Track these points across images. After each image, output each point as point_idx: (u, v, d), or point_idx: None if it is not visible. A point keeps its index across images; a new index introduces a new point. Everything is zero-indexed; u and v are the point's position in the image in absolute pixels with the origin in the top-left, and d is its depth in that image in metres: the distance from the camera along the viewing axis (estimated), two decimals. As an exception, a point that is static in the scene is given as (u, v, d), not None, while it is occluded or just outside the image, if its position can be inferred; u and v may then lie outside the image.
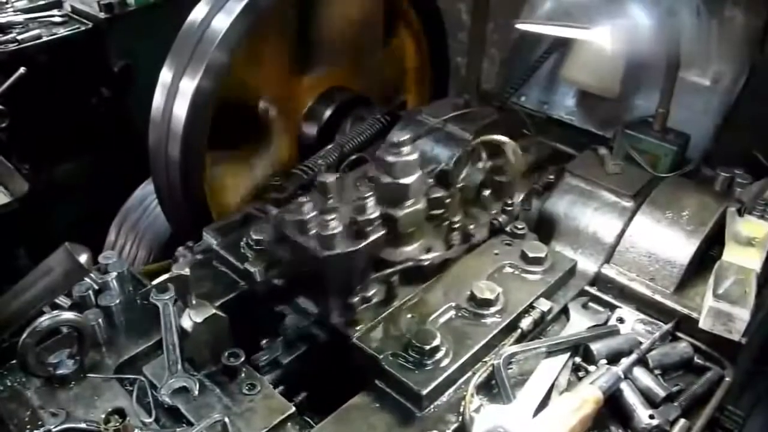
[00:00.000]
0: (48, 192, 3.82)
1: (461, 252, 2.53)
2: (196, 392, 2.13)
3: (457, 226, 2.49)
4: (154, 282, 2.22)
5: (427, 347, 2.08)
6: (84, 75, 3.98)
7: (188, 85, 2.95)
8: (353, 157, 3.10)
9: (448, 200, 2.55)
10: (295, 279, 2.45)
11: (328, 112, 3.62)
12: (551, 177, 2.89)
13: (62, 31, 3.90)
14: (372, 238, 2.23)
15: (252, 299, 2.54)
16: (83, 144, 4.07)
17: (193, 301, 2.15)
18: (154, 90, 3.02)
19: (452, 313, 2.29)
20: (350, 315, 2.27)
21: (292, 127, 3.61)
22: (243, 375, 2.18)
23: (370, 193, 2.22)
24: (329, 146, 3.25)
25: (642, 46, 2.91)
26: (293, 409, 2.08)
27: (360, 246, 2.21)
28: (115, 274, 2.52)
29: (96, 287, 2.51)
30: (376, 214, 2.25)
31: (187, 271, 2.09)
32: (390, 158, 2.38)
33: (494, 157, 2.76)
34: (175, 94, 3.05)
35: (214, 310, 2.14)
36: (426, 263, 2.41)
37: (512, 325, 2.28)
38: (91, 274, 2.56)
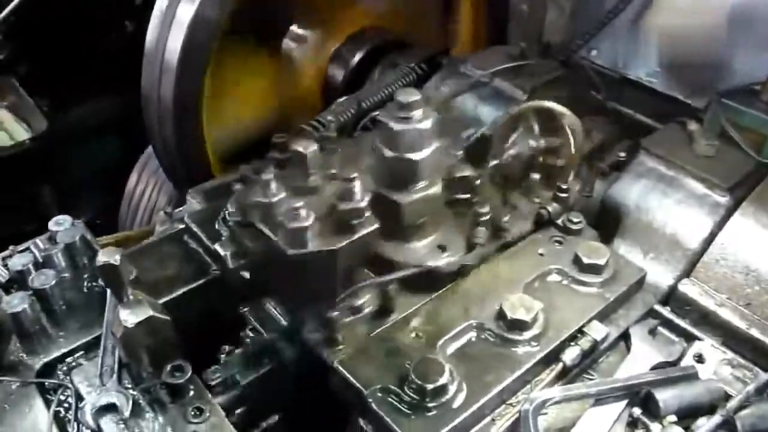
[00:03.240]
0: (69, 132, 3.70)
1: (489, 254, 1.93)
2: (127, 413, 1.63)
3: (485, 218, 1.89)
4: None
5: (430, 386, 1.52)
6: (106, 6, 3.72)
7: (186, 12, 2.52)
8: (373, 114, 2.52)
9: (476, 182, 1.94)
10: (264, 275, 1.88)
11: (358, 56, 3.09)
12: (622, 155, 2.26)
13: (83, -40, 3.61)
14: (359, 233, 1.64)
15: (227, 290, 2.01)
16: (105, 83, 3.82)
17: (129, 297, 1.63)
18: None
19: (472, 334, 1.72)
20: (329, 331, 1.71)
21: (318, 69, 3.12)
22: (191, 394, 1.68)
23: (355, 174, 1.63)
24: (344, 99, 2.66)
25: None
26: (246, 448, 1.57)
27: (340, 245, 1.63)
28: (62, 245, 2.03)
29: (39, 260, 2.02)
30: (365, 202, 1.66)
31: (116, 259, 1.56)
32: (395, 125, 1.78)
33: (549, 131, 2.13)
34: (171, 22, 2.57)
35: (152, 312, 1.62)
36: (435, 270, 1.83)
37: (552, 357, 1.70)
38: (37, 242, 2.09)
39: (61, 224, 2.13)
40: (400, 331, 1.71)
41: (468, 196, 1.95)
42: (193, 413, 1.63)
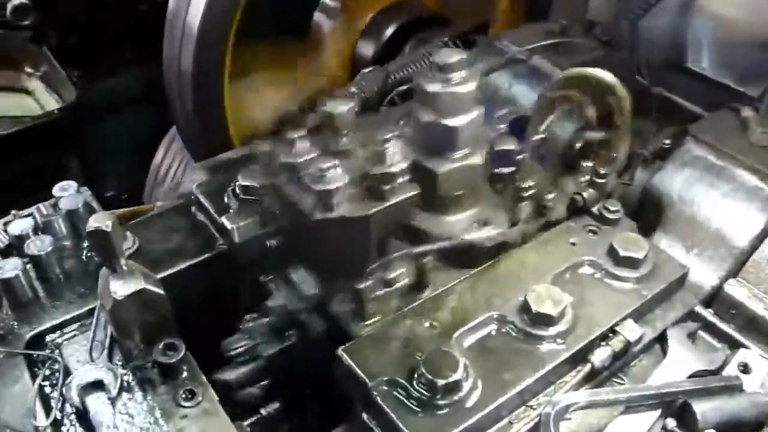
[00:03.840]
0: (98, 104, 3.65)
1: (532, 232, 1.79)
2: (114, 392, 1.52)
3: (528, 193, 1.75)
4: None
5: (441, 382, 1.37)
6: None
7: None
8: (402, 88, 2.37)
9: (520, 156, 1.78)
10: (291, 243, 1.77)
11: (390, 30, 2.95)
12: (667, 141, 2.07)
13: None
14: (392, 200, 1.56)
15: (233, 264, 1.89)
16: (136, 55, 3.80)
17: (122, 267, 1.51)
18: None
19: (492, 327, 1.56)
20: (358, 303, 1.59)
21: (348, 43, 3.02)
22: (184, 375, 1.55)
23: (392, 134, 1.50)
24: (370, 70, 2.51)
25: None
26: (239, 438, 1.44)
27: (371, 211, 1.53)
28: (64, 212, 1.92)
29: (40, 226, 1.92)
30: (402, 165, 1.55)
31: (108, 225, 1.43)
32: (433, 87, 1.64)
33: (592, 105, 1.96)
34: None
35: (144, 285, 1.50)
36: (475, 243, 1.69)
37: (579, 357, 1.54)
38: (41, 207, 1.99)
39: (66, 190, 2.03)
40: (414, 319, 1.56)
41: (511, 170, 1.79)
42: (184, 396, 1.51)
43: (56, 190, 2.03)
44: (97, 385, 1.54)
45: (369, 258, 1.60)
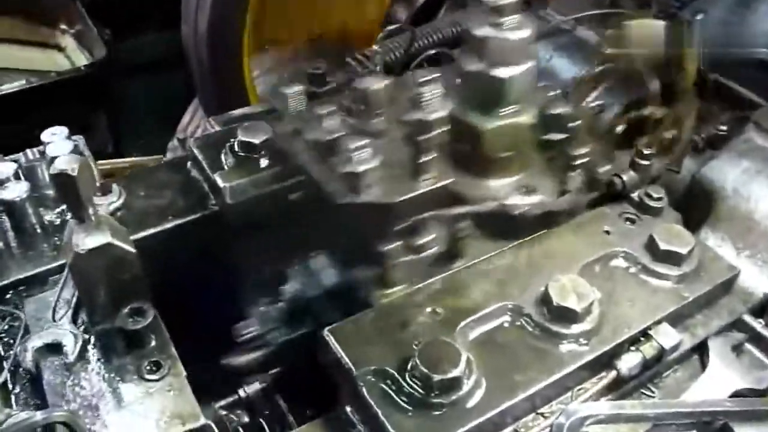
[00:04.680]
0: (128, 63, 3.69)
1: (581, 204, 1.60)
2: (72, 357, 1.35)
3: (580, 161, 1.55)
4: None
5: (437, 377, 1.17)
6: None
7: None
8: (431, 52, 2.16)
9: (575, 122, 1.58)
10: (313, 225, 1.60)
11: (424, -8, 2.75)
12: (723, 127, 1.83)
13: None
14: (427, 187, 1.42)
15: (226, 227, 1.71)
16: (168, 17, 3.62)
17: (91, 218, 1.33)
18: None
19: (505, 319, 1.36)
20: (382, 268, 1.44)
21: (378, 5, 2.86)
22: (152, 345, 1.38)
23: (431, 77, 1.32)
24: (396, 27, 2.30)
25: None
26: (203, 420, 1.25)
27: (401, 198, 1.39)
28: (49, 158, 1.76)
29: (23, 172, 1.76)
30: (442, 114, 1.43)
31: (74, 169, 1.25)
32: (482, 31, 1.46)
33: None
34: None
35: (111, 239, 1.31)
36: (518, 209, 1.51)
37: (604, 362, 1.33)
38: (28, 152, 1.83)
39: (55, 135, 1.86)
40: (414, 302, 1.36)
41: (564, 136, 1.58)
42: (148, 368, 1.34)
43: (45, 135, 1.86)
44: (55, 348, 1.38)
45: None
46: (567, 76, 2.10)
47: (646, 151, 1.58)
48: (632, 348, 1.35)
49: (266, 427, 1.54)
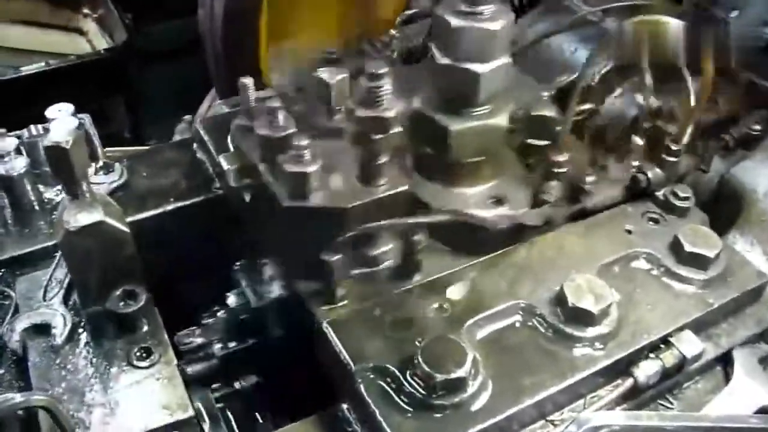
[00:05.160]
0: (147, 49, 3.63)
1: (560, 219, 1.46)
2: (60, 339, 1.29)
3: (561, 170, 1.43)
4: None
5: (441, 377, 1.09)
6: None
7: None
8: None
9: (559, 127, 1.48)
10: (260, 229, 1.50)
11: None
12: (756, 127, 1.73)
13: None
14: (382, 192, 1.27)
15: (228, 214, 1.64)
16: (188, 3, 3.59)
17: (85, 194, 1.27)
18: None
19: (516, 318, 1.28)
20: (326, 280, 1.28)
21: None
22: (144, 330, 1.32)
23: (386, 69, 1.22)
24: (415, 12, 2.21)
25: None
26: (191, 412, 1.19)
27: (353, 204, 1.25)
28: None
29: (25, 148, 1.71)
30: (394, 112, 1.27)
31: (68, 142, 1.19)
32: (456, 21, 1.34)
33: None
34: None
35: (103, 217, 1.25)
36: (483, 222, 1.36)
37: (621, 369, 1.25)
38: (32, 128, 1.78)
39: (60, 111, 1.81)
40: (421, 297, 1.28)
41: (546, 143, 1.48)
42: (138, 354, 1.27)
43: (50, 111, 1.81)
44: (43, 330, 1.32)
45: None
46: (591, 70, 2.01)
47: (673, 147, 1.49)
48: (651, 355, 1.26)
49: (260, 419, 1.46)
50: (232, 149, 1.63)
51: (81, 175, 1.26)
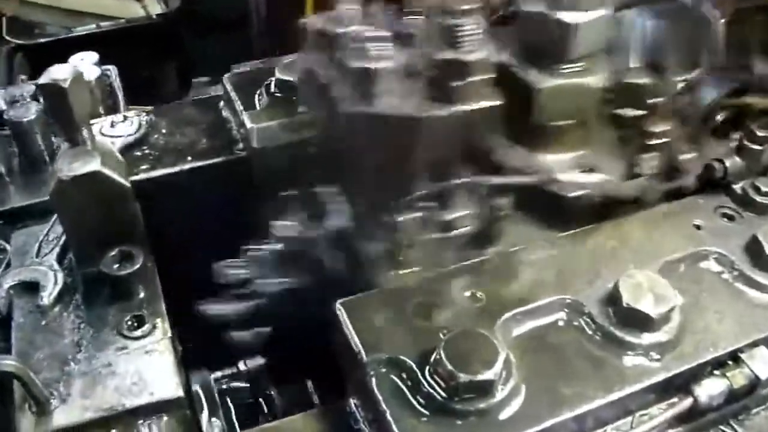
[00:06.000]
0: (200, 16, 3.46)
1: (653, 194, 1.30)
2: (47, 299, 1.16)
3: (660, 141, 1.28)
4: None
5: (465, 378, 0.93)
6: None
7: None
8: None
9: (657, 98, 1.30)
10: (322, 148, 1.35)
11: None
12: None
13: None
14: (465, 105, 1.11)
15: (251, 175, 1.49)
16: None
17: (86, 142, 1.14)
18: None
19: (560, 316, 1.10)
20: (391, 241, 1.18)
21: None
22: (140, 297, 1.18)
23: (475, 5, 1.06)
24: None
25: None
26: (178, 392, 1.05)
27: (428, 114, 1.09)
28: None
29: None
30: (481, 55, 1.11)
31: (66, 81, 1.06)
32: None
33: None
34: None
35: (100, 167, 1.11)
36: (573, 189, 1.23)
37: (679, 385, 1.06)
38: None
39: (83, 60, 1.70)
40: (453, 282, 1.12)
41: (641, 113, 1.31)
42: (129, 323, 1.14)
43: (73, 58, 1.70)
44: (32, 288, 1.19)
45: (414, 179, 1.17)
46: (668, 48, 1.81)
47: (760, 133, 1.29)
48: (716, 372, 1.08)
49: (264, 408, 1.32)
50: (258, 106, 1.50)
51: (81, 119, 1.13)
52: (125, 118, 1.58)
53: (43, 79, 1.09)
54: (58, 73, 1.09)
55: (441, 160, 1.16)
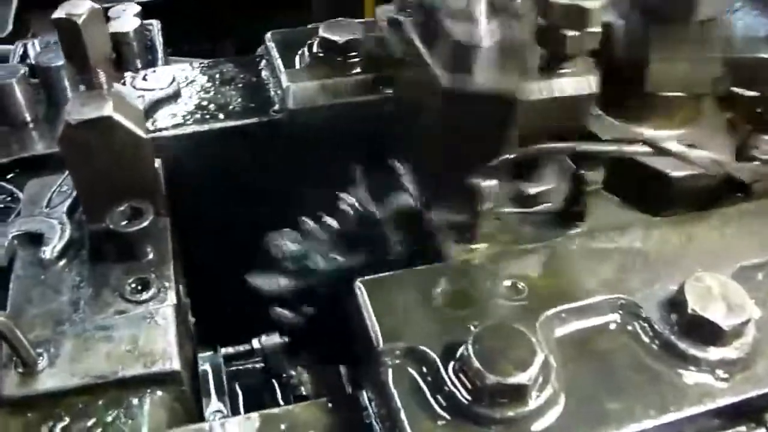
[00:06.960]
0: None
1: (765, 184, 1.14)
2: (50, 253, 1.08)
3: None
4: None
5: (493, 380, 0.79)
6: None
7: None
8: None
9: None
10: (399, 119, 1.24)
11: None
12: None
13: None
14: (566, 90, 0.98)
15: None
16: None
17: (102, 85, 1.04)
18: None
19: (612, 318, 0.95)
20: (468, 212, 1.06)
21: None
22: (149, 258, 1.09)
23: None
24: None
25: None
26: (175, 366, 0.95)
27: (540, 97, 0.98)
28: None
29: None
30: (594, 28, 0.97)
31: (80, 17, 0.97)
32: None
33: None
34: None
35: (110, 113, 1.01)
36: (691, 161, 1.08)
37: (749, 410, 0.90)
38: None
39: (125, 11, 1.62)
40: (492, 268, 0.98)
41: (756, 95, 1.16)
42: (132, 286, 1.04)
43: (114, 10, 1.63)
44: (36, 240, 1.11)
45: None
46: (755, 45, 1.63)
47: None
48: (797, 398, 0.91)
49: (278, 391, 1.21)
50: (298, 66, 1.39)
51: (96, 60, 1.04)
52: (158, 72, 1.49)
53: (57, 13, 1.00)
54: (73, 7, 1.00)
55: (533, 132, 1.03)
